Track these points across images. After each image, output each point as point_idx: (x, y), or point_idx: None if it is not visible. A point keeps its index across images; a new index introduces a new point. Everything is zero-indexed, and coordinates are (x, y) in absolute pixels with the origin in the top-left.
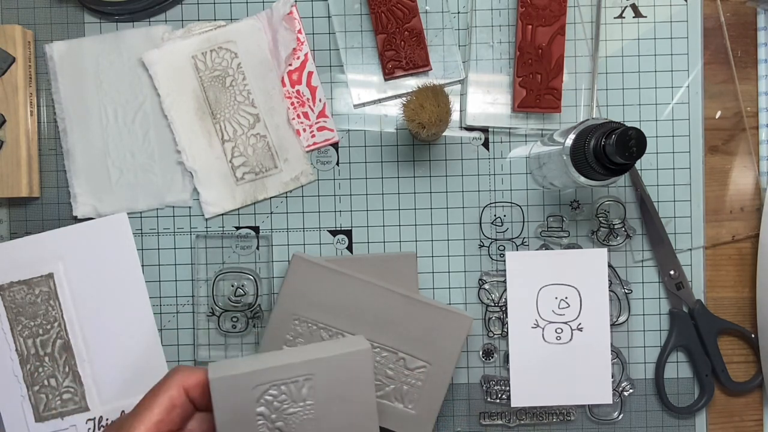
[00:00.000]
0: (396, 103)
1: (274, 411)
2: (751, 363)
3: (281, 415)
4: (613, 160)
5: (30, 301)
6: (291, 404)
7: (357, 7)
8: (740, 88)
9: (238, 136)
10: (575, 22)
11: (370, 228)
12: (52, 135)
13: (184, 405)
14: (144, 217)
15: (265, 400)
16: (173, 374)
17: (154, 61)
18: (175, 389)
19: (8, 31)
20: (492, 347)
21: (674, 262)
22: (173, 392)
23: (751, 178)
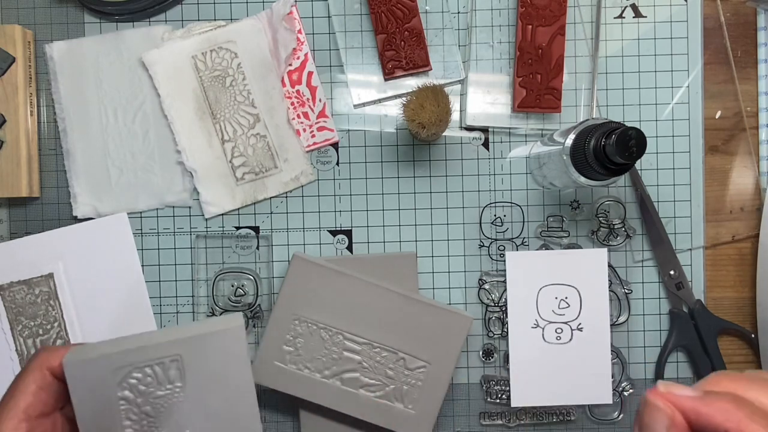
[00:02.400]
0: (396, 103)
1: (140, 395)
2: (751, 363)
3: (147, 398)
4: (613, 160)
5: (30, 301)
6: (158, 387)
7: (357, 7)
8: (740, 88)
9: (238, 136)
10: (575, 22)
11: (370, 228)
12: (52, 135)
13: (52, 385)
14: (144, 217)
15: (129, 383)
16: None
17: (154, 61)
18: (38, 371)
19: (8, 31)
20: (492, 347)
21: (674, 262)
22: (36, 374)
23: (751, 178)
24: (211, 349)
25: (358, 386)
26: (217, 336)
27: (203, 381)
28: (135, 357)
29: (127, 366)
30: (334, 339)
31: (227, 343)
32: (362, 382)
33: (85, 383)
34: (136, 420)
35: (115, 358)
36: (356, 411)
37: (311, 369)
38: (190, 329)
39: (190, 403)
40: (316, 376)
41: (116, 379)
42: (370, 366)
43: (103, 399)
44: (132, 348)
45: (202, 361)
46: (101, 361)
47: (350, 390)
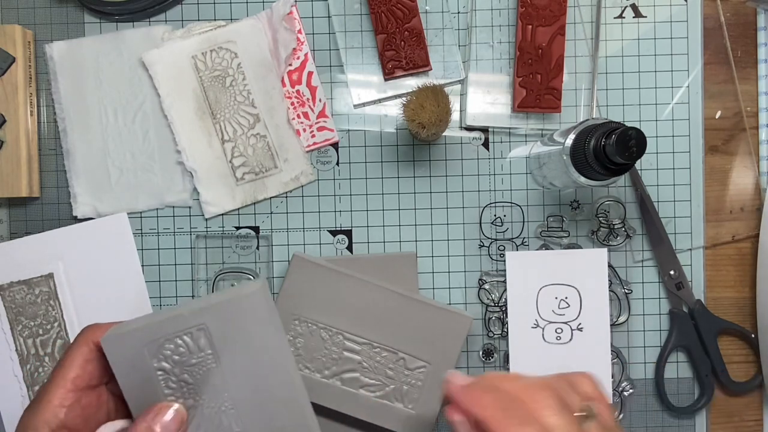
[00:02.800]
0: (396, 103)
1: (176, 364)
2: (751, 363)
3: (183, 367)
4: (613, 160)
5: (30, 301)
6: (191, 356)
7: (357, 7)
8: (740, 88)
9: (238, 136)
10: (575, 22)
11: (370, 228)
12: (52, 135)
13: (98, 359)
14: (144, 217)
15: (163, 354)
16: (82, 332)
17: (154, 61)
18: (85, 346)
19: (8, 31)
20: (492, 347)
21: (674, 262)
22: (84, 349)
23: (751, 178)
24: (233, 316)
25: (358, 386)
26: (236, 302)
27: (231, 346)
28: (164, 329)
29: (159, 338)
30: (334, 339)
31: (248, 308)
32: (362, 382)
33: (123, 357)
34: (176, 388)
35: (147, 331)
36: (356, 411)
37: (311, 369)
38: (213, 298)
39: (223, 367)
40: (316, 376)
41: (151, 351)
42: (370, 366)
43: (142, 371)
44: (160, 321)
45: (226, 328)
46: (134, 335)
47: (350, 390)
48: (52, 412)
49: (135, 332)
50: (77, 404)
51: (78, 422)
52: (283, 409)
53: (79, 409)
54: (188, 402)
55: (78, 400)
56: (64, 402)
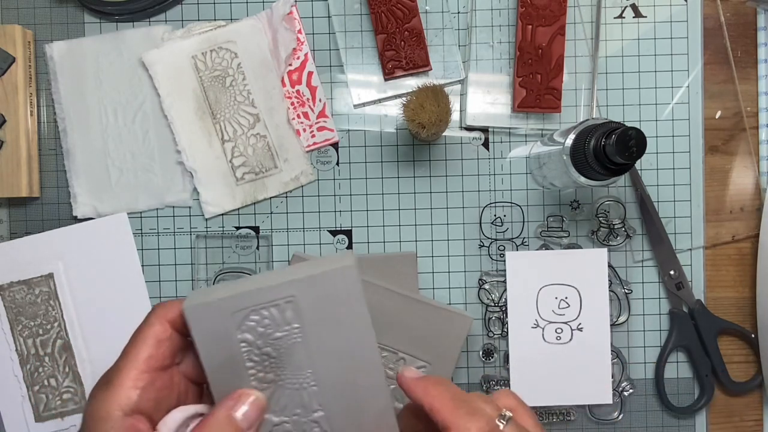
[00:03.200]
0: (396, 103)
1: (260, 337)
2: (751, 363)
3: (267, 340)
4: (613, 160)
5: (30, 301)
6: (276, 328)
7: (357, 7)
8: (740, 88)
9: (238, 136)
10: (575, 22)
11: (370, 228)
12: (52, 135)
13: (171, 338)
14: (144, 217)
15: (247, 326)
16: (154, 310)
17: (154, 61)
18: (158, 324)
19: (8, 31)
20: (492, 347)
21: (674, 262)
22: (157, 327)
23: (751, 178)
24: (324, 289)
25: None
26: (329, 275)
27: (319, 321)
28: (251, 299)
29: (245, 309)
30: None
31: (340, 281)
32: None
33: (206, 327)
34: (258, 361)
35: (232, 301)
36: None
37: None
38: (303, 269)
39: (309, 343)
40: None
41: (235, 321)
42: None
43: (225, 342)
44: (247, 291)
45: (316, 301)
46: (219, 305)
47: None
48: (125, 394)
49: (221, 302)
50: (151, 386)
51: (151, 405)
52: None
53: (153, 392)
54: (269, 376)
55: (152, 381)
56: (138, 384)
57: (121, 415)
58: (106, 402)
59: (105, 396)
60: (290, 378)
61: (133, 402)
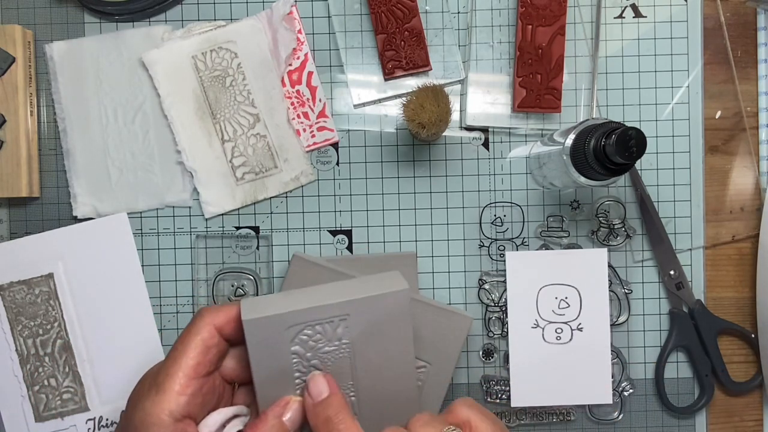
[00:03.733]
0: (396, 103)
1: (309, 350)
2: (751, 363)
3: (316, 353)
4: (613, 160)
5: (30, 301)
6: (326, 343)
7: (357, 7)
8: (740, 88)
9: (238, 136)
10: (575, 22)
11: (370, 228)
12: (52, 135)
13: (218, 345)
14: (144, 217)
15: (300, 339)
16: (201, 316)
17: (154, 61)
18: (206, 331)
19: (8, 31)
20: (492, 347)
21: (674, 262)
22: (205, 334)
23: (751, 178)
24: (377, 310)
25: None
26: (385, 297)
27: (367, 339)
28: (308, 316)
29: (301, 324)
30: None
31: (393, 303)
32: None
33: (261, 339)
34: (305, 372)
35: (290, 316)
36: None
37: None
38: (358, 288)
39: (355, 359)
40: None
41: (290, 335)
42: None
43: (277, 353)
44: (306, 308)
45: (368, 321)
46: (278, 319)
47: None
48: (174, 401)
49: (279, 317)
50: (199, 392)
51: (197, 410)
52: (399, 406)
53: (200, 397)
54: None
55: (200, 387)
56: (187, 390)
57: (172, 421)
58: (156, 407)
59: (154, 402)
60: None
61: (182, 408)
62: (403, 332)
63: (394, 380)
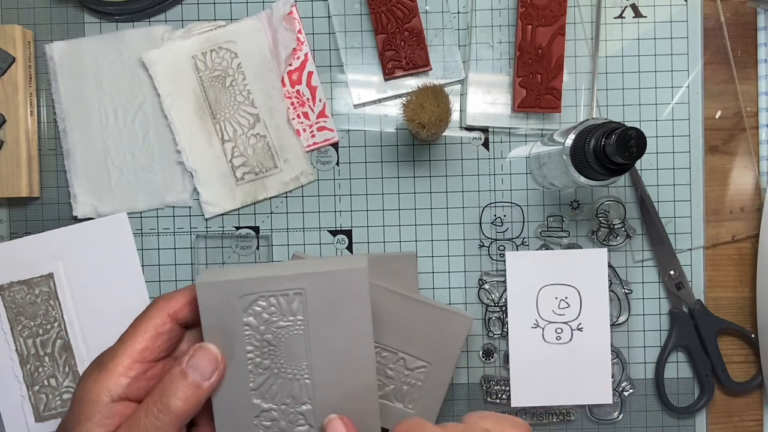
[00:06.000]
0: (396, 103)
1: (263, 323)
2: (751, 363)
3: (269, 327)
4: (613, 160)
5: (30, 301)
6: (280, 317)
7: (357, 7)
8: (740, 88)
9: (238, 136)
10: (575, 22)
11: (370, 228)
12: (52, 135)
13: (170, 331)
14: (144, 217)
15: (253, 310)
16: (156, 302)
17: (154, 61)
18: (159, 317)
19: (8, 31)
20: (492, 347)
21: (674, 262)
22: (157, 320)
23: (751, 178)
24: (334, 287)
25: None
26: (342, 274)
27: (323, 317)
28: (262, 286)
29: (254, 294)
30: None
31: (351, 282)
32: None
33: (214, 305)
34: (258, 346)
35: (244, 284)
36: None
37: None
38: (316, 264)
39: (309, 337)
40: None
41: (243, 304)
42: None
43: (229, 321)
44: (260, 277)
45: (324, 298)
46: (230, 286)
47: None
48: (115, 381)
49: (232, 283)
50: (142, 376)
51: (140, 394)
52: (356, 393)
53: (143, 381)
54: (265, 362)
55: (144, 371)
56: (129, 372)
57: (109, 401)
58: (95, 386)
59: (95, 380)
60: (285, 368)
61: (122, 389)
62: (360, 313)
63: (352, 365)
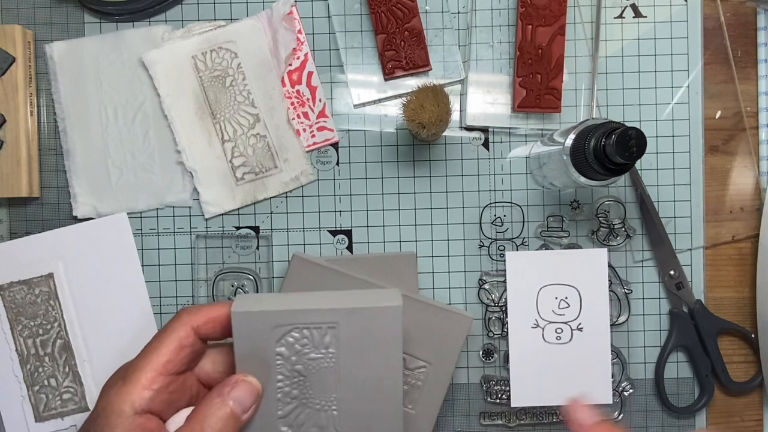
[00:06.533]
0: (396, 103)
1: (295, 353)
2: (751, 363)
3: (301, 358)
4: (613, 160)
5: (30, 301)
6: (312, 349)
7: (357, 7)
8: (740, 88)
9: (238, 136)
10: (575, 22)
11: (370, 228)
12: (52, 135)
13: (193, 344)
14: (144, 217)
15: (286, 341)
16: (180, 315)
17: (154, 61)
18: (182, 330)
19: (8, 31)
20: (492, 347)
21: (674, 262)
22: (181, 333)
23: (751, 178)
24: (368, 323)
25: None
26: (377, 311)
27: (355, 351)
28: (296, 318)
29: (288, 325)
30: None
31: (385, 320)
32: None
33: (248, 334)
34: (288, 376)
35: (279, 315)
36: None
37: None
38: (350, 298)
39: (340, 370)
40: None
41: (276, 335)
42: None
43: (262, 351)
44: (295, 309)
45: (357, 333)
46: (265, 317)
47: None
48: (139, 394)
49: (267, 314)
50: (165, 389)
51: (163, 406)
52: (381, 426)
53: (166, 394)
54: (294, 392)
55: (167, 384)
56: (153, 385)
57: (132, 413)
58: (119, 398)
59: (119, 392)
60: (314, 398)
61: (145, 402)
62: (392, 351)
63: (379, 399)
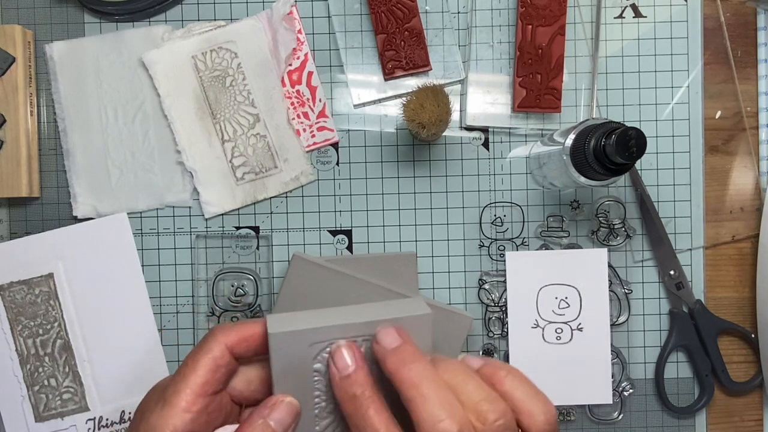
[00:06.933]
0: (396, 103)
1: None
2: (751, 363)
3: None
4: (613, 160)
5: (30, 301)
6: None
7: (357, 7)
8: (740, 88)
9: (238, 136)
10: (575, 22)
11: (370, 228)
12: (52, 135)
13: (228, 364)
14: (144, 217)
15: (323, 357)
16: (213, 334)
17: (154, 61)
18: (217, 350)
19: (8, 31)
20: (492, 347)
21: (674, 262)
22: (216, 353)
23: (751, 178)
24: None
25: None
26: (409, 321)
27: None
28: (332, 333)
29: (324, 341)
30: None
31: (416, 328)
32: None
33: (285, 354)
34: (324, 391)
35: (316, 332)
36: None
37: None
38: (383, 310)
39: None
40: None
41: (313, 352)
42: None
43: (299, 369)
44: (332, 325)
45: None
46: (303, 335)
47: None
48: (180, 417)
49: (305, 332)
50: (204, 410)
51: (202, 428)
52: None
53: (205, 415)
54: (330, 407)
55: (206, 405)
56: (193, 408)
57: None
58: (160, 421)
59: (160, 415)
60: None
61: (187, 425)
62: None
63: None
